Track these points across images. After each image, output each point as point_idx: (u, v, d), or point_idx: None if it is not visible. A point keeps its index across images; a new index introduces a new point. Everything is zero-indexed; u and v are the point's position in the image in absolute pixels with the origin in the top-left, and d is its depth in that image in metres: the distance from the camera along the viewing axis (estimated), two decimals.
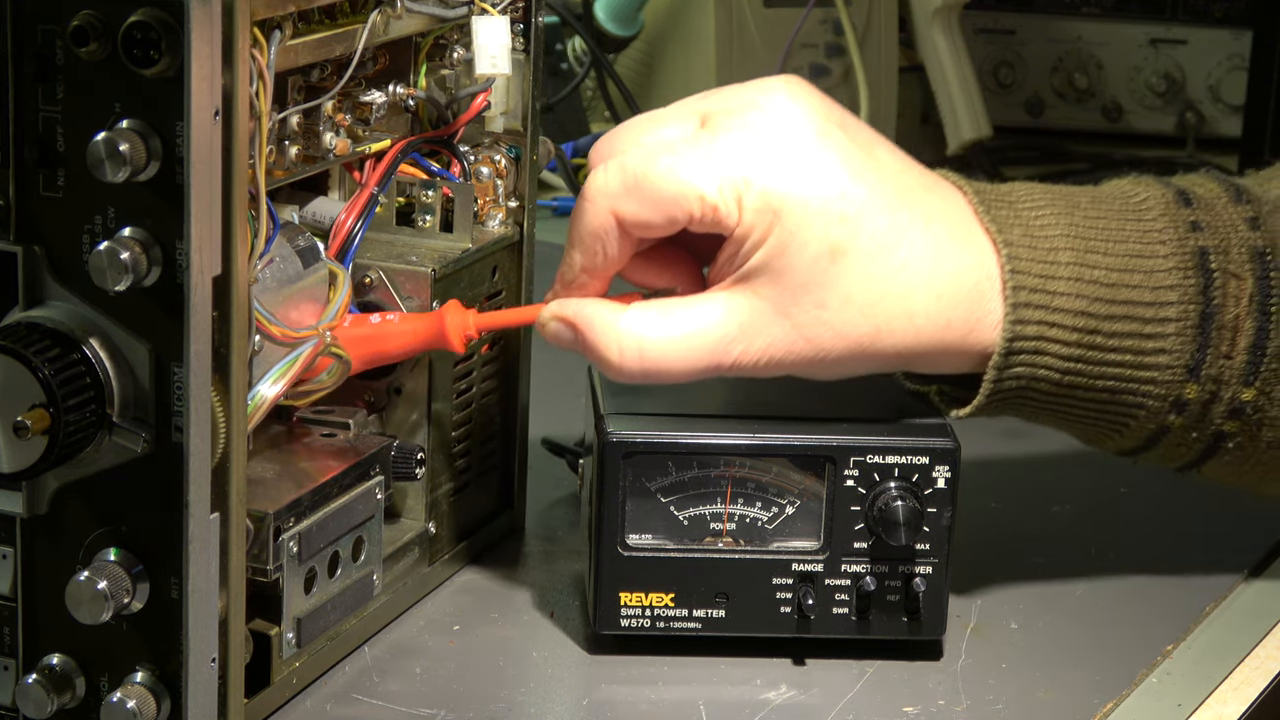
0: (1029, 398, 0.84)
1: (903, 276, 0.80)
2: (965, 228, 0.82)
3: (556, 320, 0.82)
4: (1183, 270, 0.83)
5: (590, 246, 0.81)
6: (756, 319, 0.80)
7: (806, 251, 0.79)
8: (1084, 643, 0.87)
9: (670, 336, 0.81)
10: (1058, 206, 0.84)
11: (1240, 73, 1.64)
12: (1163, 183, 0.87)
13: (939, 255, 0.81)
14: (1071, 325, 0.82)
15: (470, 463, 0.91)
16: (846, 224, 0.80)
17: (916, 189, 0.82)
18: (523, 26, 0.89)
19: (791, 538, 0.84)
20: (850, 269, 0.80)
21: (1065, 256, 0.82)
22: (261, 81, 0.71)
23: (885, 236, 0.80)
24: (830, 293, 0.80)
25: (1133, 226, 0.84)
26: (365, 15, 0.79)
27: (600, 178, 0.81)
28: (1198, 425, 0.84)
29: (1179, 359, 0.83)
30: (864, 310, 0.80)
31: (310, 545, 0.78)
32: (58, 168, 0.69)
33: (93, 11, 0.67)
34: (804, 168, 0.80)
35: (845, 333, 0.80)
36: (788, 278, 0.80)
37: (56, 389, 0.68)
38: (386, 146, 0.85)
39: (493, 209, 0.91)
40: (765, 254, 0.79)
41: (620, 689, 0.82)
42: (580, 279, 0.83)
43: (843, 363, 0.81)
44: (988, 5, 1.70)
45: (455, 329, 0.83)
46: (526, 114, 0.90)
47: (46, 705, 0.71)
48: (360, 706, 0.79)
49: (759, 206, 0.79)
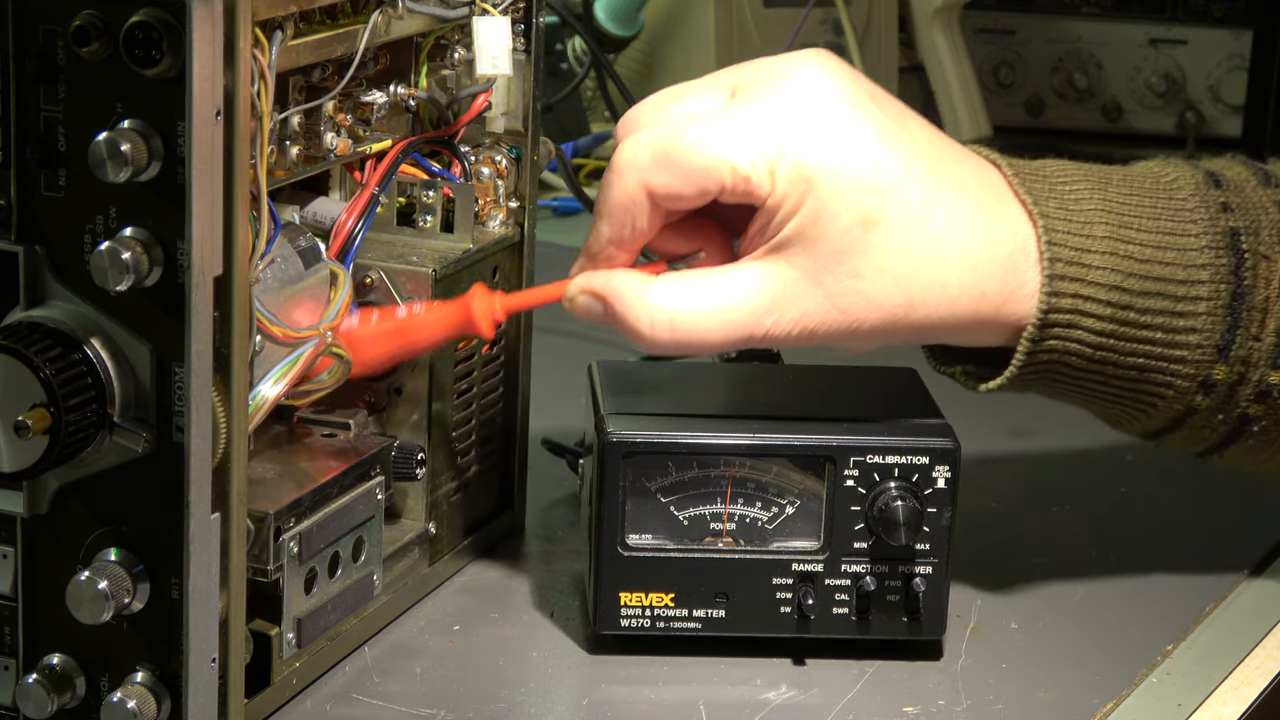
0: (1060, 372, 0.83)
1: (937, 246, 0.80)
2: (999, 199, 0.82)
3: (585, 294, 0.82)
4: (1214, 250, 0.83)
5: (619, 219, 0.81)
6: (790, 289, 0.80)
7: (840, 221, 0.79)
8: (1084, 643, 0.87)
9: (702, 308, 0.80)
10: (1091, 181, 0.84)
11: (1240, 73, 1.64)
12: (1192, 164, 0.87)
13: (973, 225, 0.81)
14: (1105, 300, 0.82)
15: (470, 463, 0.91)
16: (880, 194, 0.79)
17: (948, 160, 0.82)
18: (523, 27, 0.89)
19: (791, 538, 0.84)
20: (884, 239, 0.79)
21: (1100, 230, 0.82)
22: (263, 82, 0.71)
23: (919, 206, 0.80)
24: (864, 262, 0.79)
25: (1164, 205, 0.84)
26: (366, 15, 0.79)
27: (629, 150, 0.80)
28: (1224, 407, 0.84)
29: (1209, 338, 0.83)
30: (898, 280, 0.80)
31: (311, 545, 0.78)
32: (59, 167, 0.69)
33: (94, 11, 0.67)
34: (836, 138, 0.79)
35: (879, 303, 0.80)
36: (821, 247, 0.79)
37: (57, 389, 0.68)
38: (387, 147, 0.85)
39: (493, 209, 0.91)
40: (798, 224, 0.79)
41: (620, 689, 0.82)
42: (607, 251, 0.82)
43: (875, 334, 0.81)
44: (988, 5, 1.70)
45: (483, 314, 0.82)
46: (527, 114, 0.90)
47: (47, 705, 0.71)
48: (360, 706, 0.79)
49: (792, 176, 0.79)
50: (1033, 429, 1.11)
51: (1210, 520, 0.99)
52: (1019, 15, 1.70)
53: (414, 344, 0.83)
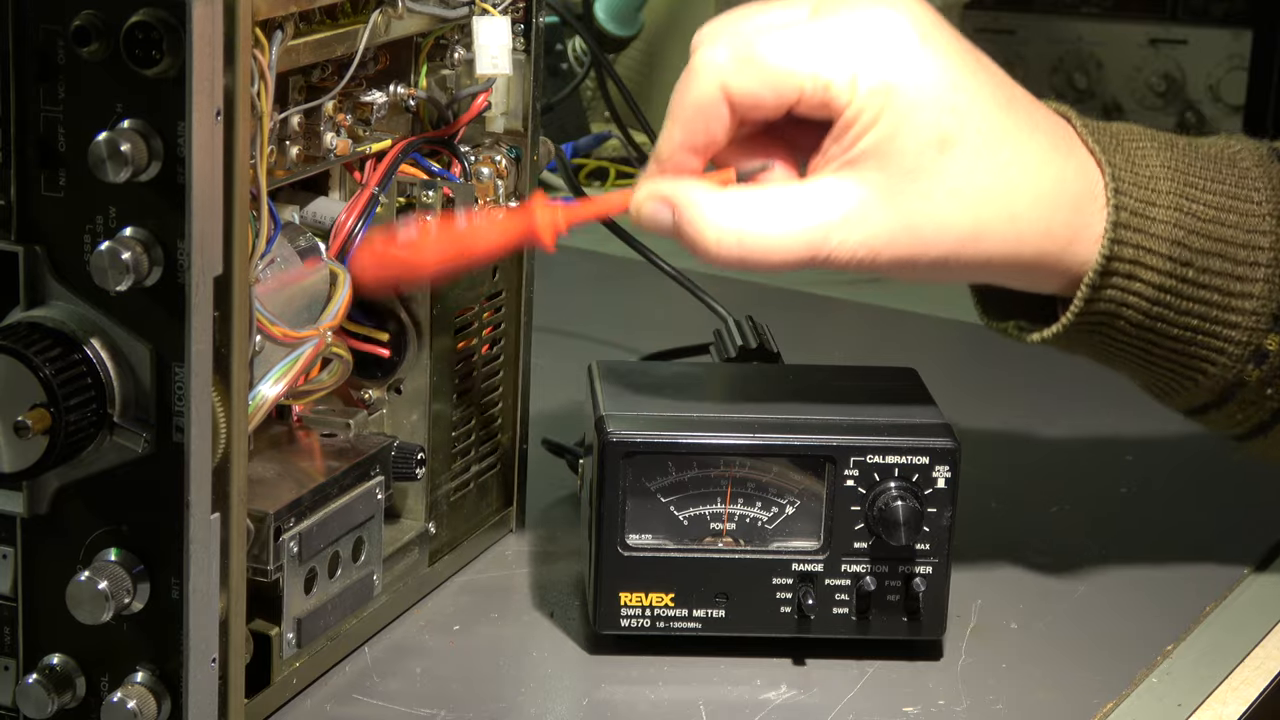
0: (1113, 327, 0.83)
1: (1007, 174, 0.80)
2: (1069, 142, 0.83)
3: (654, 200, 0.80)
4: (1276, 218, 0.83)
5: (693, 122, 0.80)
6: (860, 206, 0.79)
7: (916, 138, 0.79)
8: (1084, 643, 0.87)
9: (770, 223, 0.79)
10: (1158, 143, 0.84)
11: (1240, 73, 1.64)
12: (1255, 140, 0.87)
13: (1043, 160, 0.81)
14: (1166, 254, 0.82)
15: (470, 463, 0.91)
16: (957, 115, 0.79)
17: (1022, 100, 0.82)
18: (523, 27, 0.89)
19: (791, 538, 0.84)
20: (957, 161, 0.79)
21: (1165, 186, 0.82)
22: (263, 82, 0.71)
23: (992, 133, 0.80)
24: (936, 183, 0.79)
25: (1228, 171, 0.84)
26: (366, 15, 0.79)
27: (710, 52, 0.80)
28: (1274, 381, 0.84)
29: (1265, 305, 0.83)
30: (968, 206, 0.80)
31: (310, 545, 0.78)
32: (59, 168, 0.69)
33: (94, 11, 0.67)
34: (916, 57, 0.79)
35: (947, 227, 0.80)
36: (895, 164, 0.79)
37: (57, 389, 0.68)
38: (387, 147, 0.85)
39: (494, 210, 0.91)
40: (875, 138, 0.79)
41: (620, 689, 0.82)
42: (678, 157, 0.81)
43: (938, 265, 0.81)
44: (988, 5, 1.70)
45: (546, 225, 0.81)
46: (527, 114, 0.90)
47: (47, 705, 0.71)
48: (360, 706, 0.79)
49: (872, 89, 0.79)
50: (1033, 429, 1.11)
51: (1210, 520, 0.99)
52: (1019, 15, 1.70)
53: (473, 252, 0.81)
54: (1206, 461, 1.05)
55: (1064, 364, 1.19)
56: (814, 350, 1.20)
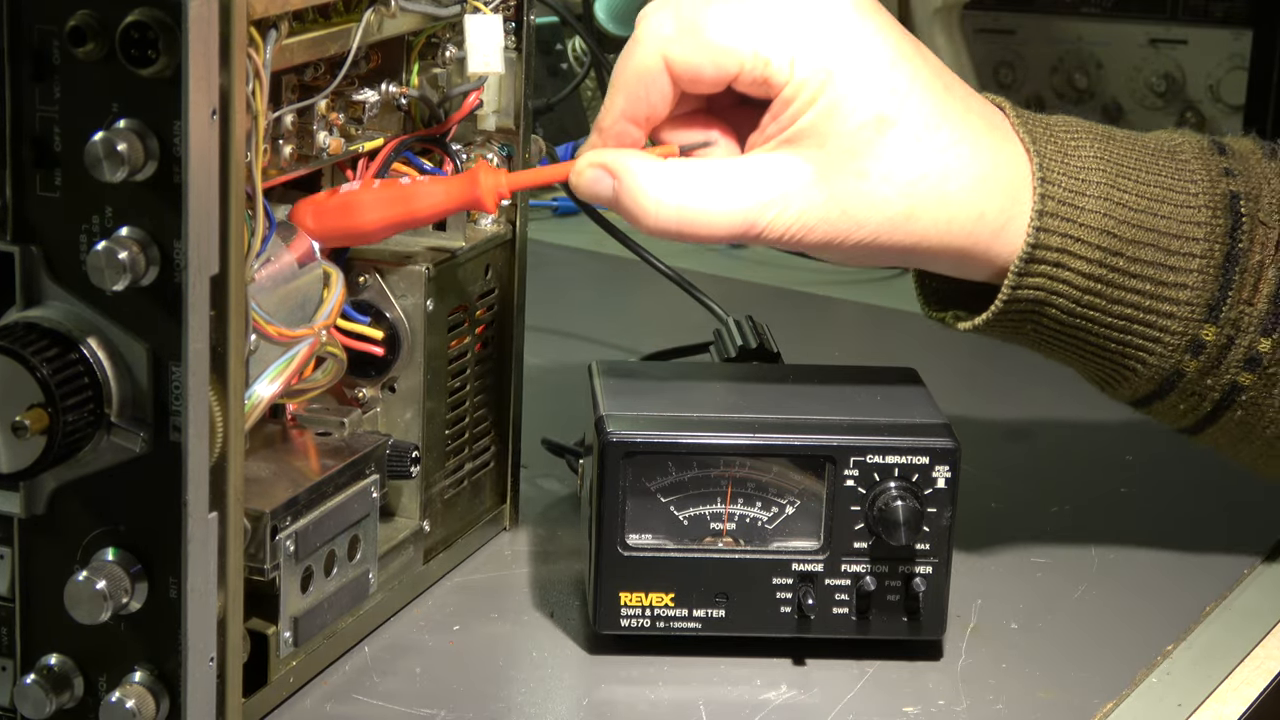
0: (1045, 314, 0.84)
1: (944, 158, 0.81)
2: (1003, 130, 0.83)
3: (595, 168, 0.81)
4: (1212, 209, 0.84)
5: (635, 90, 0.81)
6: (796, 183, 0.80)
7: (855, 117, 0.80)
8: (1084, 643, 0.87)
9: (708, 199, 0.80)
10: (1094, 134, 0.85)
11: (1240, 73, 1.63)
12: (1199, 133, 0.88)
13: (979, 146, 0.82)
14: (1095, 243, 0.82)
15: (464, 460, 0.91)
16: (896, 96, 0.80)
17: (959, 89, 0.83)
18: (514, 24, 0.89)
19: (791, 538, 0.83)
20: (895, 142, 0.80)
21: (1096, 177, 0.83)
22: (258, 81, 0.71)
23: (930, 116, 0.81)
24: (873, 163, 0.80)
25: (1166, 163, 0.85)
26: (359, 14, 0.79)
27: (654, 21, 0.81)
28: (1213, 371, 0.84)
29: (1199, 296, 0.83)
30: (903, 187, 0.80)
31: (307, 544, 0.78)
32: (55, 167, 0.69)
33: (90, 11, 0.67)
34: (859, 38, 0.80)
35: (881, 207, 0.80)
36: (833, 143, 0.80)
37: (55, 389, 0.68)
38: (379, 145, 0.85)
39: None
40: (814, 116, 0.80)
41: (620, 689, 0.82)
42: (619, 126, 0.82)
43: (870, 244, 0.81)
44: (988, 5, 1.70)
45: (489, 189, 0.82)
46: (518, 112, 0.90)
47: (45, 705, 0.71)
48: (359, 706, 0.79)
49: (813, 67, 0.79)
50: (1033, 429, 1.11)
51: (1210, 521, 0.99)
52: (1019, 15, 1.70)
53: (415, 213, 0.82)
54: (1207, 461, 1.05)
55: None
56: (814, 350, 1.20)
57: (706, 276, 1.28)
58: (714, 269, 1.36)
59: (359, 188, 0.82)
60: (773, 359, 1.00)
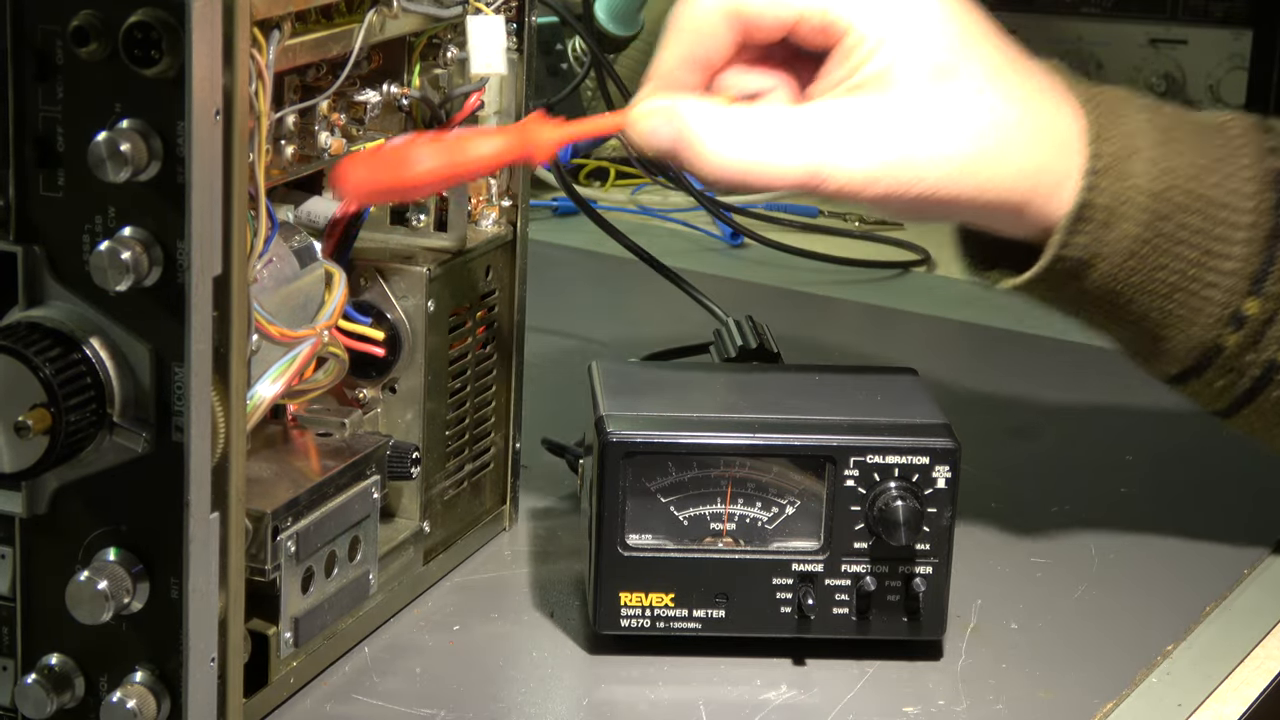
0: (1087, 276, 0.83)
1: (1004, 111, 0.81)
2: (1057, 93, 0.84)
3: (654, 115, 0.79)
4: (1260, 182, 0.84)
5: (692, 37, 0.80)
6: (860, 132, 0.79)
7: (918, 67, 0.79)
8: (1084, 643, 0.87)
9: (771, 146, 0.79)
10: (1143, 103, 0.85)
11: (1240, 73, 1.64)
12: (1245, 112, 0.88)
13: (1036, 104, 0.82)
14: (1143, 205, 0.82)
15: (464, 461, 0.91)
16: (955, 51, 0.80)
17: (1012, 47, 0.83)
18: (516, 25, 0.89)
19: (791, 538, 0.83)
20: (956, 93, 0.80)
21: (1146, 141, 0.83)
22: (261, 81, 0.71)
23: (990, 69, 0.81)
24: (934, 114, 0.80)
25: (1214, 135, 0.85)
26: (362, 15, 0.79)
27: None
28: (1253, 347, 0.84)
29: (1244, 268, 0.83)
30: (966, 136, 0.80)
31: (308, 545, 0.78)
32: (58, 167, 0.69)
33: (93, 11, 0.67)
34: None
35: (945, 155, 0.80)
36: (896, 92, 0.79)
37: (57, 389, 0.68)
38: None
39: (486, 208, 0.91)
40: (876, 65, 0.79)
41: (620, 689, 0.82)
42: (677, 73, 0.81)
43: (929, 198, 0.80)
44: (988, 5, 1.70)
45: (540, 141, 0.80)
46: (520, 113, 0.90)
47: (46, 705, 0.71)
48: (360, 706, 0.79)
49: (875, 17, 0.79)
50: (1033, 429, 1.11)
51: (1210, 520, 0.99)
52: (1019, 15, 1.70)
53: (466, 164, 0.79)
54: (1207, 462, 1.05)
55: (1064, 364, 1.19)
56: (814, 350, 1.20)
57: (706, 276, 1.28)
58: (714, 269, 1.36)
59: (406, 143, 0.80)
60: (773, 359, 1.00)
